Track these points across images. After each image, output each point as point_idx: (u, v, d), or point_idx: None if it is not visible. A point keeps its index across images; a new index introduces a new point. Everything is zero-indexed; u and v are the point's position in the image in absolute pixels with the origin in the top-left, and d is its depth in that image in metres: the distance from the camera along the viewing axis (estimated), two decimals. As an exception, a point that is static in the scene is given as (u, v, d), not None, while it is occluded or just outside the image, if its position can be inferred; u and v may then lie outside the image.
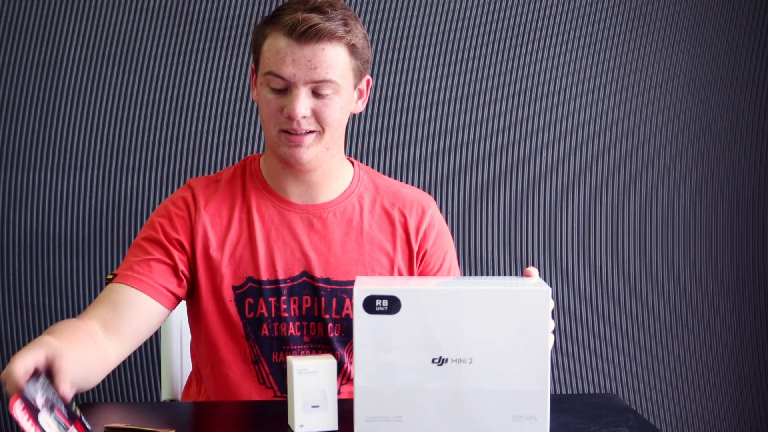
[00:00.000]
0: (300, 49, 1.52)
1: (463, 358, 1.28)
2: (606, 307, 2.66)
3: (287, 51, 1.52)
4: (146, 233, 1.64)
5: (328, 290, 1.64)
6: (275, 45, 1.54)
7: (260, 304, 1.62)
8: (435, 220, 1.71)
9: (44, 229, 2.52)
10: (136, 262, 1.60)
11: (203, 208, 1.64)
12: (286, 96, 1.55)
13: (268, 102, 1.57)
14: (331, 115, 1.57)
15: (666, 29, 2.65)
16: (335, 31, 1.53)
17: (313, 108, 1.55)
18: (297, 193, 1.65)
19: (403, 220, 1.69)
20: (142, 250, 1.62)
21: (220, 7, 2.54)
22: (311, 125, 1.56)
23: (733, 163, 2.69)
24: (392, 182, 1.74)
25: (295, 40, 1.52)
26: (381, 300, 1.27)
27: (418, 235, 1.69)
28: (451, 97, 2.60)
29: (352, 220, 1.66)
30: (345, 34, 1.54)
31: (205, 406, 1.61)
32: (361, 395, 1.29)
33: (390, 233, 1.68)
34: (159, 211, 1.66)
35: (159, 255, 1.61)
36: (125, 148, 2.53)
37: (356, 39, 1.56)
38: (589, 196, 2.64)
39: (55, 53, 2.51)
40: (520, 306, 1.27)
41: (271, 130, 1.58)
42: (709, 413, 2.71)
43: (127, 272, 1.59)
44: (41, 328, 2.52)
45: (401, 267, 1.67)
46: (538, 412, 1.29)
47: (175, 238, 1.62)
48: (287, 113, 1.54)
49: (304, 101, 1.54)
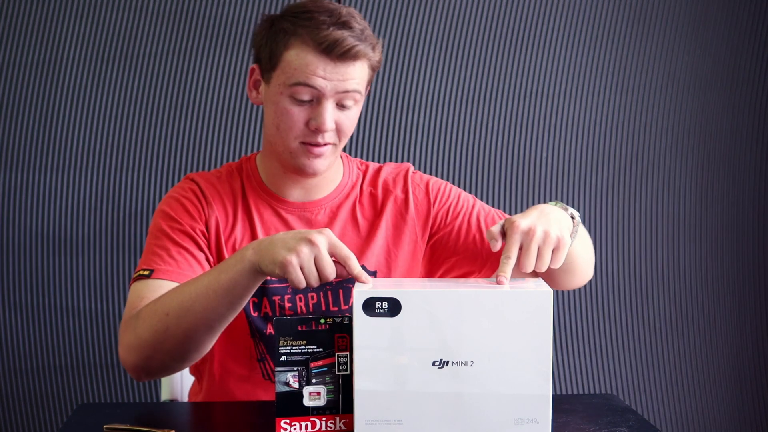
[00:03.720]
0: (334, 66, 1.53)
1: (464, 360, 1.27)
2: (606, 307, 2.66)
3: (319, 65, 1.53)
4: (168, 225, 1.60)
5: (333, 283, 1.64)
6: (304, 58, 1.53)
7: (264, 303, 1.62)
8: (417, 180, 1.72)
9: (43, 229, 2.52)
10: (173, 255, 1.57)
11: (213, 202, 1.63)
12: (313, 108, 1.55)
13: (290, 114, 1.55)
14: (351, 126, 1.59)
15: (666, 29, 2.65)
16: (367, 53, 1.55)
17: (336, 120, 1.56)
18: (294, 194, 1.66)
19: (394, 198, 1.69)
20: (172, 241, 1.58)
21: (219, 7, 2.54)
22: (332, 138, 1.58)
23: (733, 163, 2.69)
24: (373, 165, 1.75)
25: (331, 59, 1.53)
26: (381, 302, 1.27)
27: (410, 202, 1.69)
28: (451, 97, 2.60)
29: (348, 212, 1.68)
30: (372, 54, 1.57)
31: (205, 406, 1.61)
32: (361, 398, 1.28)
33: (385, 214, 1.68)
34: (171, 204, 1.63)
35: (190, 246, 1.59)
36: (124, 148, 2.53)
37: (378, 56, 1.59)
38: (589, 196, 2.64)
39: (54, 53, 2.51)
40: (521, 308, 1.27)
41: (290, 142, 1.57)
42: (709, 413, 2.71)
43: (169, 268, 1.56)
44: (41, 328, 2.52)
45: (407, 243, 1.67)
46: (539, 415, 1.28)
47: (200, 229, 1.61)
48: (315, 126, 1.55)
49: (331, 114, 1.55)
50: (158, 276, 1.54)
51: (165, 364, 1.48)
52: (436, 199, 1.70)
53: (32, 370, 2.53)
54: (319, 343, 1.32)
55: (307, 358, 1.31)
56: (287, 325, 1.31)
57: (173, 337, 1.44)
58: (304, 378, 1.31)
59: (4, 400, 2.54)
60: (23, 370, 2.53)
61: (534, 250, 1.35)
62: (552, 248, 1.36)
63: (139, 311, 1.48)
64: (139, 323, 1.47)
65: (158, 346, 1.45)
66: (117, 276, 2.53)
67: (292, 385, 1.31)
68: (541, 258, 1.36)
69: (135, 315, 1.49)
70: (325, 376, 1.32)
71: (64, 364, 2.54)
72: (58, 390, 2.54)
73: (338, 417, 1.33)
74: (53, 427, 2.54)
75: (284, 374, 1.31)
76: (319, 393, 1.32)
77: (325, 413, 1.32)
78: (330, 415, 1.33)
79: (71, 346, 2.54)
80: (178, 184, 1.68)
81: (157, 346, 1.45)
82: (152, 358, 1.47)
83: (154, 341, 1.45)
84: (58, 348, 2.53)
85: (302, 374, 1.31)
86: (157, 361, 1.47)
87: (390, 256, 1.67)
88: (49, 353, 2.53)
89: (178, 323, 1.43)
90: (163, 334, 1.44)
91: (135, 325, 1.47)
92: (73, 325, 2.53)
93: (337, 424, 1.33)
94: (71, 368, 2.54)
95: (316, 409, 1.32)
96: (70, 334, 2.53)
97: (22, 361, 2.53)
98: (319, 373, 1.32)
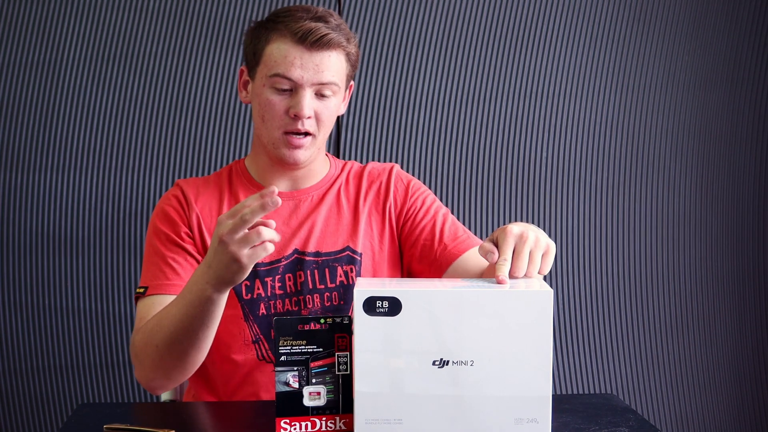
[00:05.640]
0: (309, 55, 1.64)
1: (464, 360, 1.27)
2: (606, 307, 2.66)
3: (296, 55, 1.64)
4: (157, 238, 1.71)
5: (319, 263, 1.73)
6: (283, 49, 1.65)
7: (257, 285, 1.70)
8: (401, 174, 1.83)
9: (43, 229, 2.52)
10: (163, 268, 1.67)
11: (194, 203, 1.73)
12: (292, 97, 1.66)
13: (272, 104, 1.67)
14: (329, 116, 1.69)
15: (666, 29, 2.65)
16: (341, 42, 1.66)
17: (315, 109, 1.67)
18: (282, 184, 1.77)
19: (377, 186, 1.80)
20: (160, 256, 1.69)
21: (219, 7, 2.54)
22: (311, 127, 1.67)
23: (733, 163, 2.69)
24: (359, 164, 1.87)
25: (306, 47, 1.64)
26: (381, 301, 1.27)
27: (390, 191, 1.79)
28: (451, 97, 2.60)
29: (333, 198, 1.78)
30: (347, 44, 1.68)
31: (205, 406, 1.62)
32: (361, 397, 1.29)
33: (368, 199, 1.79)
34: (159, 215, 1.74)
35: (178, 255, 1.69)
36: (124, 148, 2.53)
37: (353, 48, 1.71)
38: (589, 196, 2.64)
39: (54, 53, 2.51)
40: (522, 308, 1.27)
41: (273, 132, 1.68)
42: (709, 413, 2.71)
43: (161, 282, 1.66)
44: (41, 328, 2.52)
45: (388, 229, 1.77)
46: (539, 415, 1.28)
47: (184, 232, 1.71)
48: (294, 113, 1.65)
49: (309, 102, 1.65)
50: (153, 292, 1.66)
51: (176, 379, 1.59)
52: (413, 195, 1.80)
53: (32, 370, 2.53)
54: (319, 343, 1.32)
55: (307, 358, 1.32)
56: (287, 325, 1.31)
57: (170, 362, 1.54)
58: (304, 378, 1.32)
59: (4, 400, 2.54)
60: (23, 370, 2.53)
61: (526, 253, 1.38)
62: (542, 252, 1.39)
63: (135, 341, 1.60)
64: (140, 355, 1.58)
65: (161, 372, 1.57)
66: (117, 276, 2.53)
67: (292, 385, 1.32)
68: (532, 261, 1.38)
69: (135, 345, 1.60)
70: (325, 376, 1.32)
71: (64, 364, 2.54)
72: (58, 390, 2.54)
73: (338, 417, 1.33)
74: (53, 427, 2.54)
75: (284, 374, 1.31)
76: (319, 393, 1.32)
77: (325, 413, 1.33)
78: (330, 414, 1.33)
79: (71, 346, 2.54)
80: (167, 191, 1.81)
81: (160, 372, 1.57)
82: (161, 379, 1.59)
83: (156, 369, 1.56)
84: (58, 348, 2.53)
85: (302, 374, 1.32)
86: (167, 380, 1.60)
87: (373, 240, 1.76)
88: (49, 353, 2.53)
89: (170, 352, 1.53)
90: (160, 362, 1.55)
91: (139, 358, 1.59)
92: (73, 325, 2.53)
93: (337, 424, 1.33)
94: (71, 368, 2.54)
95: (316, 409, 1.32)
96: (70, 334, 2.53)
97: (22, 361, 2.53)
98: (319, 373, 1.32)
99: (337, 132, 2.58)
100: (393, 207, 1.78)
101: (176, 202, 1.74)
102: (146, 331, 1.57)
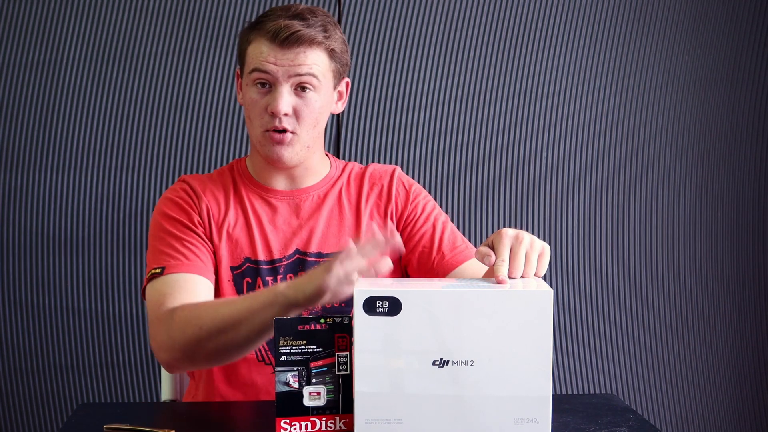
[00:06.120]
0: (283, 52, 1.64)
1: (464, 360, 1.27)
2: (606, 307, 2.66)
3: (270, 52, 1.64)
4: (169, 223, 1.69)
5: (321, 263, 1.69)
6: (259, 48, 1.65)
7: (258, 283, 1.70)
8: (403, 178, 1.82)
9: (44, 229, 2.52)
10: (180, 249, 1.65)
11: (203, 195, 1.73)
12: (271, 95, 1.65)
13: (254, 102, 1.67)
14: (310, 114, 1.67)
15: (666, 29, 2.65)
16: (315, 37, 1.64)
17: (294, 106, 1.65)
18: (281, 183, 1.76)
19: (379, 188, 1.79)
20: (175, 237, 1.67)
21: (218, 7, 2.54)
22: (289, 124, 1.66)
23: (733, 163, 2.69)
24: (359, 165, 1.86)
25: (278, 45, 1.63)
26: (381, 301, 1.27)
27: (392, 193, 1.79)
28: (451, 97, 2.60)
29: (335, 198, 1.77)
30: (324, 40, 1.66)
31: (205, 406, 1.62)
32: (361, 397, 1.29)
33: (369, 200, 1.78)
34: (167, 204, 1.73)
35: (193, 238, 1.68)
36: (125, 148, 2.53)
37: (335, 44, 1.68)
38: (590, 196, 2.64)
39: (54, 53, 2.51)
40: (522, 308, 1.27)
41: (256, 130, 1.69)
42: (709, 413, 2.71)
43: (180, 261, 1.64)
44: (41, 328, 2.52)
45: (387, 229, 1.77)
46: (539, 415, 1.28)
47: (197, 220, 1.71)
48: (271, 110, 1.65)
49: (286, 98, 1.64)
50: (171, 271, 1.63)
51: (196, 365, 1.61)
52: (414, 200, 1.79)
53: (32, 370, 2.53)
54: (319, 343, 1.32)
55: (307, 358, 1.32)
56: (287, 325, 1.31)
57: (205, 349, 1.52)
58: (304, 378, 1.32)
59: (4, 400, 2.54)
60: (23, 370, 2.53)
61: (522, 255, 1.39)
62: (538, 254, 1.40)
63: (174, 312, 1.56)
64: (173, 326, 1.55)
65: (189, 353, 1.54)
66: (117, 276, 2.53)
67: (292, 385, 1.32)
68: (528, 263, 1.39)
69: (169, 314, 1.56)
70: (325, 376, 1.32)
71: (64, 364, 2.54)
72: (58, 390, 2.54)
73: (338, 417, 1.33)
74: (53, 427, 2.54)
75: (284, 374, 1.31)
76: (319, 393, 1.32)
77: (325, 413, 1.33)
78: (330, 414, 1.33)
79: (71, 346, 2.54)
80: (171, 186, 1.79)
81: (189, 353, 1.54)
82: (183, 360, 1.56)
83: (186, 348, 1.53)
84: (58, 348, 2.53)
85: (302, 374, 1.32)
86: (187, 363, 1.59)
87: None
88: (49, 353, 2.53)
89: (209, 338, 1.51)
90: (195, 344, 1.52)
91: (169, 326, 1.55)
92: (73, 325, 2.53)
93: (337, 424, 1.33)
94: (71, 368, 2.54)
95: (316, 409, 1.32)
96: (70, 334, 2.53)
97: (22, 361, 2.53)
98: (319, 373, 1.32)
99: (337, 132, 2.58)
100: (394, 211, 1.78)
101: (185, 194, 1.73)
102: (191, 309, 1.55)
